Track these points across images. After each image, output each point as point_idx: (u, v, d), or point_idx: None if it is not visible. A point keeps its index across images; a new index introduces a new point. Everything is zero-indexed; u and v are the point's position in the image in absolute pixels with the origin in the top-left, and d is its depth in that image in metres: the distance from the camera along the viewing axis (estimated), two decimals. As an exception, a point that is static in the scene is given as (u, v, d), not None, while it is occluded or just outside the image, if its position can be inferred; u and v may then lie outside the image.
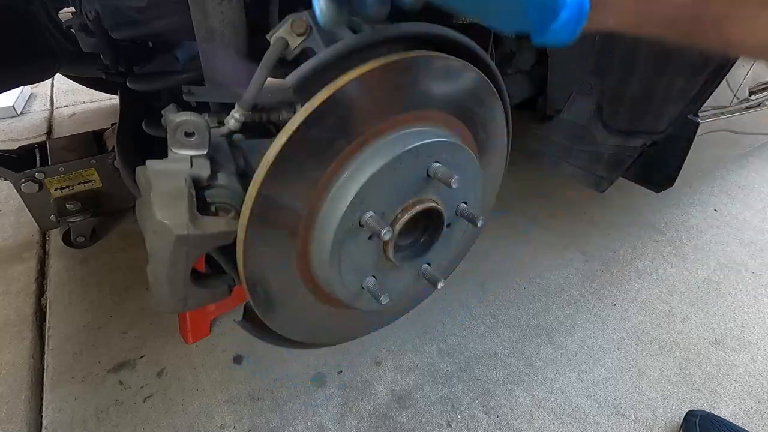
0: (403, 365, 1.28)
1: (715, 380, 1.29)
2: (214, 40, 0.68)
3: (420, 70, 0.62)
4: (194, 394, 1.18)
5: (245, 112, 0.62)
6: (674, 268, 1.68)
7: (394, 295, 0.73)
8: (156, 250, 0.52)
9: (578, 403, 1.21)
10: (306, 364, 1.26)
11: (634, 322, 1.45)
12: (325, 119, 0.56)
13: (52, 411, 1.13)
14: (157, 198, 0.51)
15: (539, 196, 2.02)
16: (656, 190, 1.18)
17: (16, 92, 2.62)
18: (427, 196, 0.68)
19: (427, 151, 0.64)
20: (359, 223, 0.62)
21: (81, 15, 0.93)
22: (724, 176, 2.25)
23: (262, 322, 0.69)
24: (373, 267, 0.70)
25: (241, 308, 0.72)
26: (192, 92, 0.74)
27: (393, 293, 0.71)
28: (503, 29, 0.44)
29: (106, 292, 1.45)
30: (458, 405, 1.19)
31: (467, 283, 1.55)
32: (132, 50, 1.12)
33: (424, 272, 0.77)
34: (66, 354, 1.26)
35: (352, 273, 0.68)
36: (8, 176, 1.42)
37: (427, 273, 0.77)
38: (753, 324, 1.47)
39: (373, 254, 0.69)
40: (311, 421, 1.14)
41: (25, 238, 1.66)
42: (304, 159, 0.57)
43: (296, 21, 0.63)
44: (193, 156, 0.55)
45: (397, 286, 0.77)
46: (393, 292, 0.72)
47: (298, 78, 0.54)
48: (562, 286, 1.57)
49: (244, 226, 0.56)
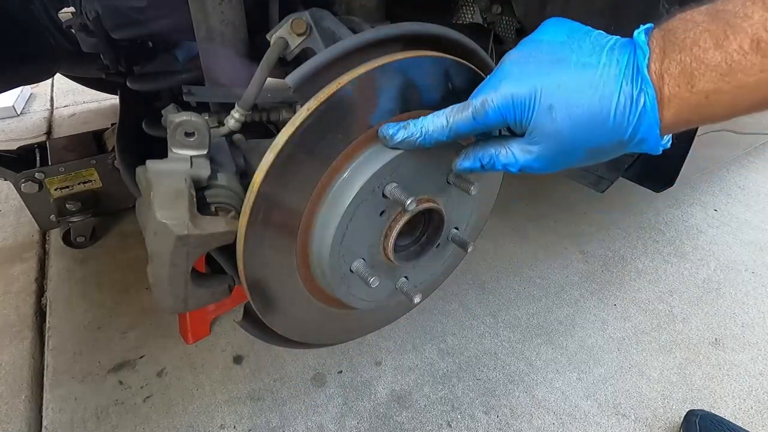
0: (403, 365, 1.28)
1: (715, 380, 1.29)
2: (214, 40, 0.68)
3: (420, 70, 0.62)
4: (194, 394, 1.18)
5: (245, 112, 0.62)
6: (674, 268, 1.68)
7: (387, 294, 0.73)
8: (156, 250, 0.52)
9: (578, 403, 1.21)
10: (306, 364, 1.26)
11: (634, 322, 1.45)
12: (325, 119, 0.56)
13: (52, 411, 1.13)
14: (157, 198, 0.51)
15: (539, 196, 2.02)
16: (656, 190, 1.18)
17: (16, 92, 2.62)
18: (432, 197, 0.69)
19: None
20: (382, 194, 0.62)
21: (81, 15, 0.93)
22: (724, 176, 2.25)
23: (262, 322, 0.69)
24: (373, 266, 0.70)
25: (241, 308, 0.72)
26: (192, 92, 0.74)
27: (387, 293, 0.71)
28: None
29: (106, 292, 1.45)
30: (458, 405, 1.19)
31: (467, 283, 1.55)
32: (132, 50, 1.12)
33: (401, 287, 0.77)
34: (66, 354, 1.26)
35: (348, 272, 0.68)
36: (8, 176, 1.42)
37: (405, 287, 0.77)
38: (753, 324, 1.47)
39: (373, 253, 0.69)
40: (311, 421, 1.14)
41: (25, 238, 1.66)
42: (304, 159, 0.57)
43: (296, 21, 0.63)
44: (193, 156, 0.55)
45: (387, 289, 0.77)
46: (387, 293, 0.72)
47: (298, 78, 0.54)
48: (562, 286, 1.57)
49: (244, 226, 0.56)
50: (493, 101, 0.50)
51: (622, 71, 0.44)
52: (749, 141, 1.65)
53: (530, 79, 0.48)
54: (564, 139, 0.48)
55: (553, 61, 0.48)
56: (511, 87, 0.49)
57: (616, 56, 0.45)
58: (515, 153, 0.52)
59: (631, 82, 0.44)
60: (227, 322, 1.36)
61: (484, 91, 0.52)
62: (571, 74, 0.47)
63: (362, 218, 0.63)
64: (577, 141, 0.48)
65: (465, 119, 0.52)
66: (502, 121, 0.51)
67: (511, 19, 1.08)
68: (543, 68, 0.49)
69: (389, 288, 0.76)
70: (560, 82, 0.47)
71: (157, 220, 0.49)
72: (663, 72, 0.43)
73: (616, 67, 0.45)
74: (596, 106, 0.45)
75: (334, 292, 0.70)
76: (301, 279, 0.68)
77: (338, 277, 0.67)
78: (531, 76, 0.49)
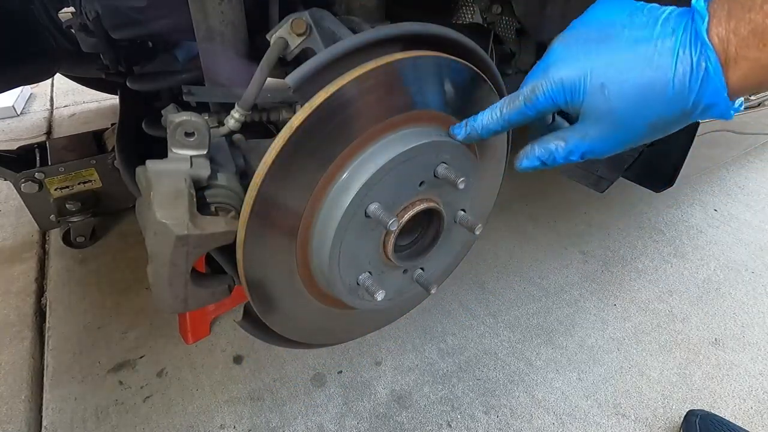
0: (403, 365, 1.28)
1: (715, 380, 1.29)
2: (214, 40, 0.68)
3: (420, 71, 0.62)
4: (194, 394, 1.18)
5: (245, 112, 0.62)
6: (674, 268, 1.68)
7: (389, 295, 0.73)
8: (156, 250, 0.52)
9: (578, 403, 1.21)
10: (306, 364, 1.26)
11: (634, 322, 1.45)
12: (325, 119, 0.56)
13: (52, 411, 1.13)
14: (157, 198, 0.51)
15: (539, 196, 2.02)
16: (656, 190, 1.18)
17: (16, 92, 2.62)
18: (429, 197, 0.69)
19: (430, 151, 0.64)
20: (365, 213, 0.62)
21: (81, 15, 0.93)
22: (724, 176, 2.25)
23: (262, 322, 0.69)
24: (372, 266, 0.70)
25: (241, 308, 0.72)
26: (192, 92, 0.74)
27: (388, 293, 0.71)
28: None
29: (106, 292, 1.45)
30: (458, 405, 1.19)
31: (467, 283, 1.55)
32: (132, 50, 1.12)
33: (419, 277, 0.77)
34: (66, 354, 1.26)
35: (351, 272, 0.68)
36: (8, 176, 1.42)
37: (422, 278, 0.77)
38: (753, 324, 1.47)
39: (373, 253, 0.69)
40: (311, 421, 1.14)
41: (25, 238, 1.66)
42: (304, 159, 0.57)
43: (296, 21, 0.63)
44: (193, 156, 0.55)
45: (393, 287, 0.77)
46: (388, 292, 0.72)
47: (298, 78, 0.54)
48: (562, 286, 1.57)
49: (244, 226, 0.56)
50: (543, 87, 0.49)
51: (679, 39, 0.43)
52: (749, 141, 1.65)
53: (579, 60, 0.48)
54: (620, 116, 0.47)
55: (603, 39, 0.47)
56: (560, 70, 0.48)
57: (671, 26, 0.44)
58: (573, 141, 0.51)
59: (689, 48, 0.42)
60: (227, 322, 1.36)
61: (533, 78, 0.51)
62: (622, 50, 0.46)
63: (356, 228, 0.63)
64: (636, 117, 0.47)
65: (517, 108, 0.53)
66: (553, 106, 0.50)
67: (511, 19, 1.08)
68: (592, 48, 0.47)
69: (401, 284, 0.76)
70: (611, 59, 0.46)
71: (157, 220, 0.49)
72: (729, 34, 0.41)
73: (671, 36, 0.43)
74: (651, 77, 0.44)
75: (343, 299, 0.70)
76: (301, 279, 0.68)
77: (346, 289, 0.67)
78: (579, 57, 0.48)
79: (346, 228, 0.62)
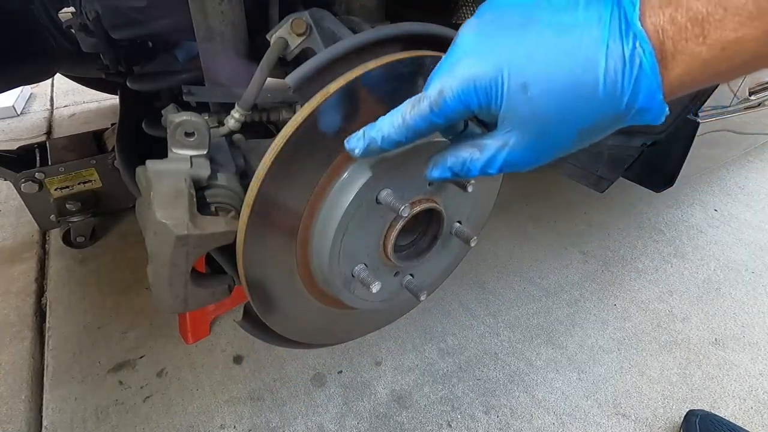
0: (403, 365, 1.28)
1: (715, 380, 1.29)
2: (214, 40, 0.68)
3: (419, 70, 0.62)
4: (194, 394, 1.18)
5: (245, 112, 0.62)
6: (674, 268, 1.68)
7: (381, 294, 0.73)
8: (156, 250, 0.52)
9: (578, 403, 1.21)
10: (306, 364, 1.26)
11: (634, 322, 1.45)
12: (325, 119, 0.56)
13: (52, 411, 1.13)
14: (157, 198, 0.51)
15: (539, 196, 2.02)
16: (656, 190, 1.18)
17: (16, 92, 2.62)
18: (435, 198, 0.69)
19: (431, 151, 0.64)
20: (375, 199, 0.61)
21: (81, 15, 0.93)
22: (724, 176, 2.25)
23: (262, 322, 0.69)
24: (369, 258, 0.70)
25: (241, 308, 0.72)
26: (192, 92, 0.74)
27: (385, 294, 0.71)
28: None
29: (106, 292, 1.45)
30: (458, 405, 1.19)
31: (467, 283, 1.55)
32: (132, 50, 1.12)
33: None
34: (66, 354, 1.26)
35: (347, 262, 0.68)
36: (8, 176, 1.42)
37: (411, 284, 0.77)
38: (753, 324, 1.47)
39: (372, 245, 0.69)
40: (311, 421, 1.14)
41: (25, 238, 1.66)
42: (305, 159, 0.57)
43: (296, 21, 0.63)
44: (193, 156, 0.55)
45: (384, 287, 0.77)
46: (385, 293, 0.72)
47: (298, 78, 0.54)
48: (562, 286, 1.57)
49: (244, 226, 0.56)
50: (451, 88, 0.41)
51: (607, 27, 0.36)
52: (749, 141, 1.65)
53: (493, 53, 0.39)
54: (546, 122, 0.39)
55: (520, 26, 0.39)
56: (470, 67, 0.40)
57: (596, 10, 0.36)
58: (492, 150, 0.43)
59: (620, 40, 0.35)
60: (227, 322, 1.36)
61: (439, 76, 0.43)
62: (542, 40, 0.38)
63: (362, 219, 0.63)
64: (563, 122, 0.39)
65: (422, 114, 0.43)
66: (466, 111, 0.42)
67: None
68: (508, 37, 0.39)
69: (393, 287, 0.76)
70: (530, 52, 0.38)
71: (157, 220, 0.49)
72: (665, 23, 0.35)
73: (598, 24, 0.36)
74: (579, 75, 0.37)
75: (336, 293, 0.69)
76: (301, 279, 0.68)
77: (340, 280, 0.67)
78: (494, 49, 0.40)
79: (351, 215, 0.61)
